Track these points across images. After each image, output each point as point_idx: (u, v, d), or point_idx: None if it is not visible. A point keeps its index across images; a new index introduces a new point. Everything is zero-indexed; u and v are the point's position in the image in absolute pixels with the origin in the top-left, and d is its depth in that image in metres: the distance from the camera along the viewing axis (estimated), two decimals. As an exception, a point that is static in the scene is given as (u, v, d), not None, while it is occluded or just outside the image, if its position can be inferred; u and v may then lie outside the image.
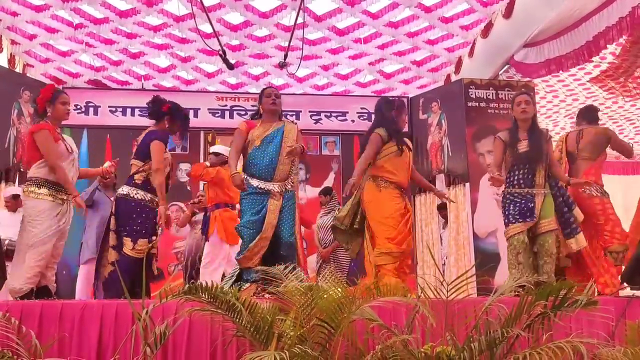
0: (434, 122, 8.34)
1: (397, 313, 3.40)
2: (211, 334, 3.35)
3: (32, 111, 7.58)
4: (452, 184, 7.94)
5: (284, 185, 4.55)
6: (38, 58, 8.52)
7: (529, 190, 4.65)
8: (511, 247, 4.63)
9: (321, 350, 2.90)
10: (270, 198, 4.49)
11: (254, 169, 4.58)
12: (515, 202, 4.66)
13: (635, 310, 3.82)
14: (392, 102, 4.94)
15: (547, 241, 4.59)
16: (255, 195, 4.51)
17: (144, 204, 4.44)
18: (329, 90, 9.59)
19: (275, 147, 4.58)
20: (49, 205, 4.14)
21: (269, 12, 7.91)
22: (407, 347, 2.93)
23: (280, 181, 4.55)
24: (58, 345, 3.28)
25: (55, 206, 4.16)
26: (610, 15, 6.11)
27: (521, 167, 4.67)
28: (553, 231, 4.62)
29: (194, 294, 2.96)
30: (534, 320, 2.96)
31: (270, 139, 4.61)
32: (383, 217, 4.64)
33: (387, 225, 4.61)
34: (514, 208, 4.64)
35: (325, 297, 2.92)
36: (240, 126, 4.81)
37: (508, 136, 4.76)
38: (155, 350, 2.91)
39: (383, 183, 4.71)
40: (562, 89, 8.63)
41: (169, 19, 7.96)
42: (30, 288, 4.08)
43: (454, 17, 7.98)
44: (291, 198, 4.58)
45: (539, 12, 6.98)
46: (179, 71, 9.15)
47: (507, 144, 4.74)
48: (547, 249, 4.58)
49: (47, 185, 4.17)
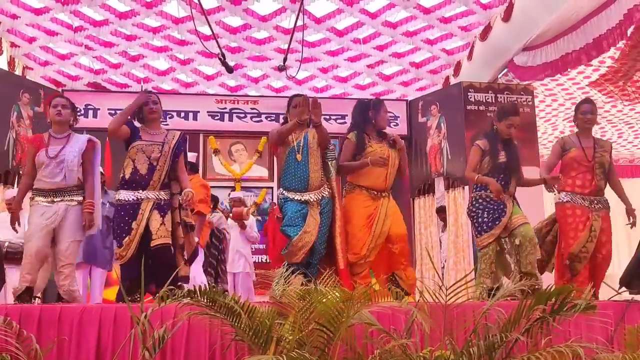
0: (433, 125, 8.36)
1: (396, 317, 3.39)
2: (210, 338, 3.35)
3: (31, 114, 7.60)
4: (451, 187, 7.95)
5: (319, 194, 4.52)
6: (37, 61, 8.54)
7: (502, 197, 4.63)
8: (485, 256, 4.60)
9: (320, 354, 2.90)
10: (309, 207, 4.46)
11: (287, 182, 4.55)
12: (488, 208, 4.64)
13: (634, 314, 3.82)
14: (367, 104, 4.89)
15: (527, 230, 4.55)
16: (295, 203, 4.49)
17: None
18: (328, 92, 9.60)
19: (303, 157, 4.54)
20: (33, 209, 4.26)
21: (269, 16, 7.93)
22: (406, 351, 2.93)
23: (315, 190, 4.51)
24: (57, 348, 3.28)
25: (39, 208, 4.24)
26: (608, 18, 6.12)
27: (496, 175, 4.66)
28: (527, 223, 4.59)
29: (192, 298, 2.95)
30: (532, 324, 2.95)
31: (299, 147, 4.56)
32: (346, 225, 4.60)
33: (349, 233, 4.57)
34: (487, 215, 4.62)
35: (324, 302, 2.92)
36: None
37: (488, 145, 4.74)
38: (154, 354, 2.90)
39: (349, 187, 4.71)
40: (561, 92, 8.65)
41: (168, 21, 7.97)
42: (25, 287, 4.14)
43: (452, 17, 7.99)
44: (327, 204, 4.53)
45: (537, 15, 6.99)
46: (178, 74, 9.17)
47: (485, 152, 4.73)
48: (530, 238, 4.52)
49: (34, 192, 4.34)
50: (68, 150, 4.38)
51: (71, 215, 4.29)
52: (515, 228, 4.58)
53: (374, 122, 4.77)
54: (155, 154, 4.41)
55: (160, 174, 4.39)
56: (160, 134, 4.55)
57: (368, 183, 4.63)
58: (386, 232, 4.56)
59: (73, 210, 4.31)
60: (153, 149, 4.42)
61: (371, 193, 4.61)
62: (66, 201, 4.29)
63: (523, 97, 8.00)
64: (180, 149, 4.54)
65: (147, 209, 4.31)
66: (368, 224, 4.55)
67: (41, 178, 4.30)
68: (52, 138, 4.41)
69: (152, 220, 4.30)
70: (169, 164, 4.44)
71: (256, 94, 9.51)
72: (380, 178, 4.64)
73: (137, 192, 4.34)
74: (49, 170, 4.29)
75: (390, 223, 4.59)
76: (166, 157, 4.42)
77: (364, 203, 4.60)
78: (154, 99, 4.56)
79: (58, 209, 4.24)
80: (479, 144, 4.78)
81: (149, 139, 4.47)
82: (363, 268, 4.53)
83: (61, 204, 4.27)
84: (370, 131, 4.77)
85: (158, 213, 4.33)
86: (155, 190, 4.37)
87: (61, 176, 4.32)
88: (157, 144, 4.45)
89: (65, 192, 4.31)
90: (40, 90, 7.82)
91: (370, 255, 4.53)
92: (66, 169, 4.34)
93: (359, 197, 4.63)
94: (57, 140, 4.41)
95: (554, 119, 9.65)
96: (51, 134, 4.44)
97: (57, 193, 4.29)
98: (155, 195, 4.35)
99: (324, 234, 4.47)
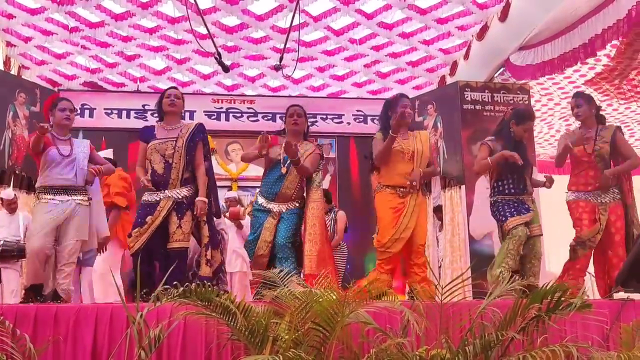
0: (430, 125, 8.35)
1: (392, 316, 3.40)
2: (206, 338, 3.35)
3: (27, 113, 7.58)
4: (447, 186, 7.95)
5: (286, 206, 4.68)
6: (34, 60, 8.52)
7: (521, 197, 4.74)
8: (514, 237, 4.56)
9: (316, 353, 2.90)
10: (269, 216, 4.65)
11: (262, 186, 4.77)
12: (509, 203, 4.71)
13: (630, 313, 3.83)
14: (386, 103, 4.94)
15: (536, 244, 4.70)
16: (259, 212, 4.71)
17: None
18: (324, 91, 9.60)
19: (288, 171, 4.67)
20: (39, 207, 4.30)
21: (265, 15, 7.92)
22: (402, 350, 2.93)
23: (284, 202, 4.67)
24: (53, 348, 3.28)
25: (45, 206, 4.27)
26: (605, 18, 6.13)
27: (510, 175, 4.75)
28: (540, 236, 4.75)
29: (188, 297, 2.95)
30: (528, 323, 2.96)
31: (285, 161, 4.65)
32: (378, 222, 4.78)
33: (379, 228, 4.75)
34: (509, 208, 4.69)
35: (320, 301, 2.92)
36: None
37: (499, 147, 4.77)
38: (150, 353, 2.90)
39: (378, 187, 4.78)
40: (557, 91, 8.65)
41: (163, 21, 7.96)
42: (30, 284, 4.21)
43: (449, 18, 7.99)
44: (291, 214, 4.67)
45: (534, 15, 7.00)
46: (175, 73, 9.16)
47: (493, 153, 4.76)
48: (536, 252, 4.69)
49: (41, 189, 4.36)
50: (77, 151, 4.46)
51: (79, 214, 4.34)
52: (528, 239, 4.65)
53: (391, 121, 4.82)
54: (169, 151, 4.40)
55: (177, 171, 4.38)
56: (177, 128, 4.53)
57: (393, 182, 4.68)
58: (411, 228, 4.60)
59: (81, 210, 4.36)
60: (167, 147, 4.42)
61: (398, 191, 4.65)
62: (77, 200, 4.33)
63: (519, 96, 7.99)
64: (195, 140, 4.50)
65: (166, 207, 4.32)
66: (394, 213, 4.62)
67: (51, 175, 4.33)
68: (56, 139, 4.46)
69: (170, 222, 4.33)
70: (185, 159, 4.42)
71: (253, 93, 9.50)
72: (404, 175, 4.67)
73: (159, 193, 4.37)
74: (60, 168, 4.34)
75: (414, 223, 4.62)
76: (180, 152, 4.41)
77: (391, 203, 4.66)
78: (176, 94, 4.58)
79: (68, 206, 4.27)
80: (489, 144, 4.82)
81: (163, 135, 4.48)
82: (385, 256, 4.61)
83: (72, 202, 4.30)
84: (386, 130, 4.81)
85: (176, 215, 4.34)
86: (175, 189, 4.37)
87: (72, 174, 4.37)
88: (170, 140, 4.44)
89: (76, 191, 4.37)
90: (36, 90, 7.80)
91: (393, 246, 4.57)
92: (77, 168, 4.39)
93: (386, 196, 4.70)
94: (62, 141, 4.47)
95: (549, 118, 9.65)
96: (55, 135, 4.47)
97: (69, 190, 4.33)
98: (176, 194, 4.36)
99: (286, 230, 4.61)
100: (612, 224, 4.78)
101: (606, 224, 4.77)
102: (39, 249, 4.18)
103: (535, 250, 4.69)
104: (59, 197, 4.29)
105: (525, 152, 4.82)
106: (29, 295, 4.15)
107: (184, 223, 4.34)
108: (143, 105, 8.69)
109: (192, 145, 4.47)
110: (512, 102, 7.87)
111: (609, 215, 4.79)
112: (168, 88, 4.71)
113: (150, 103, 7.99)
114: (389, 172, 4.70)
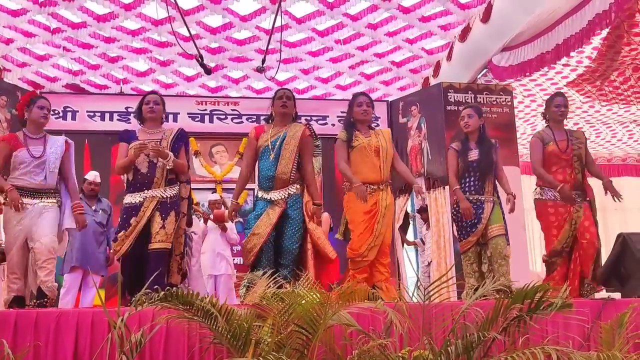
0: (414, 126, 8.38)
1: (375, 318, 3.40)
2: (188, 341, 3.32)
3: (8, 116, 7.49)
4: (432, 187, 7.97)
5: (285, 192, 4.51)
6: (15, 62, 8.43)
7: (479, 197, 4.80)
8: (466, 258, 4.84)
9: (299, 356, 2.89)
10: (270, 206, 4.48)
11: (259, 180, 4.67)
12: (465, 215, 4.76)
13: (611, 312, 3.85)
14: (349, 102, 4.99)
15: (498, 244, 4.72)
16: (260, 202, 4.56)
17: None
18: (309, 93, 9.58)
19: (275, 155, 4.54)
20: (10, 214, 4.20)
21: (249, 16, 7.89)
22: (385, 351, 2.94)
23: (280, 188, 4.51)
24: (33, 354, 3.24)
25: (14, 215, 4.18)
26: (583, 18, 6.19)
27: (472, 174, 4.83)
28: (502, 235, 4.76)
29: (170, 301, 2.93)
30: (509, 323, 2.98)
31: (273, 146, 4.56)
32: (349, 223, 4.71)
33: (352, 230, 4.66)
34: (463, 228, 4.82)
35: (302, 303, 2.92)
36: (249, 134, 4.76)
37: (460, 145, 4.91)
38: (132, 358, 2.88)
39: (347, 184, 4.74)
40: (540, 93, 8.71)
41: (147, 23, 7.90)
42: (12, 296, 4.13)
43: (432, 16, 8.00)
44: (296, 202, 4.52)
45: (516, 16, 7.04)
46: (158, 75, 9.11)
47: (459, 152, 4.88)
48: (500, 251, 4.70)
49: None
50: (49, 152, 4.34)
51: (47, 214, 4.24)
52: (489, 240, 4.73)
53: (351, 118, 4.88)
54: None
55: (162, 170, 4.35)
56: (159, 132, 4.53)
57: (363, 177, 4.62)
58: (384, 234, 4.60)
59: (48, 211, 4.27)
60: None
61: (368, 188, 4.57)
62: (44, 202, 4.25)
63: (502, 97, 8.04)
64: (179, 143, 4.50)
65: (150, 207, 4.28)
66: (368, 219, 4.57)
67: (20, 177, 4.24)
68: (28, 138, 4.35)
69: (153, 222, 4.28)
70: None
71: (237, 95, 9.47)
72: (374, 171, 4.66)
73: (142, 193, 4.32)
74: (29, 170, 4.25)
75: (386, 227, 4.63)
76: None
77: (364, 207, 4.58)
78: (155, 100, 4.57)
79: (32, 211, 4.19)
80: (453, 146, 4.97)
81: (146, 137, 4.44)
82: (361, 265, 4.56)
83: (36, 206, 4.22)
84: (360, 127, 4.83)
85: (160, 215, 4.28)
86: (159, 188, 4.34)
87: (42, 176, 4.29)
88: (154, 141, 4.42)
89: (44, 193, 4.28)
90: (17, 93, 7.69)
91: (369, 254, 4.54)
92: (47, 170, 4.30)
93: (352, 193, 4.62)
94: (35, 141, 4.35)
95: (532, 119, 9.72)
96: (27, 134, 4.37)
97: (36, 193, 4.24)
98: (160, 193, 4.32)
99: (293, 234, 4.46)
100: (581, 224, 4.79)
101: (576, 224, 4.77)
102: (17, 262, 4.15)
103: (499, 250, 4.70)
104: (27, 199, 4.18)
105: (488, 150, 4.87)
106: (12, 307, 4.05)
107: (168, 224, 4.29)
108: (126, 108, 8.61)
109: (176, 147, 4.47)
110: (495, 103, 7.93)
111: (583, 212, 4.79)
112: (147, 93, 4.71)
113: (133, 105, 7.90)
114: (357, 169, 4.67)
